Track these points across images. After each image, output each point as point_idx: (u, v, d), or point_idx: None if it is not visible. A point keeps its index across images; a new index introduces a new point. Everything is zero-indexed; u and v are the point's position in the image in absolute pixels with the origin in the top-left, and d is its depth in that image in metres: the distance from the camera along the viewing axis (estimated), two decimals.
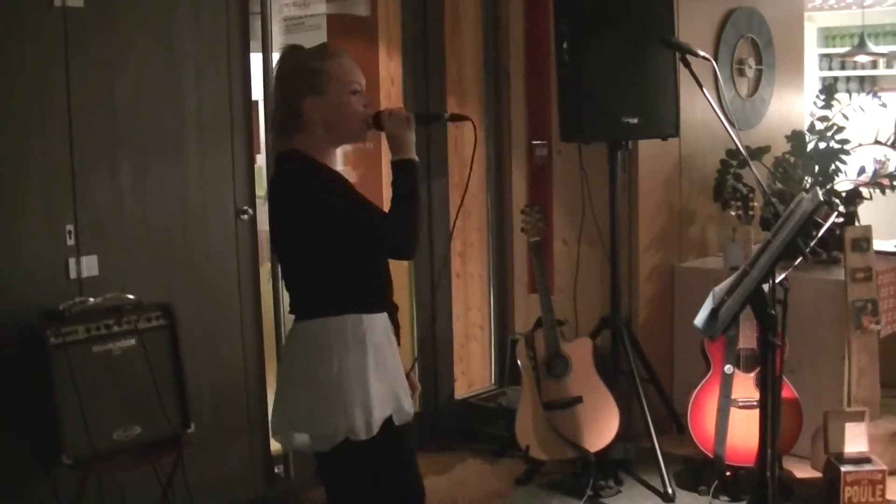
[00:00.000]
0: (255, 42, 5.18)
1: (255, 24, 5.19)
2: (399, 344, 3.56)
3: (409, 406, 3.44)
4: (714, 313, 3.62)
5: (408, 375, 3.57)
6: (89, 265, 4.52)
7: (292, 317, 3.45)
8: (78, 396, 4.13)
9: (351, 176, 3.55)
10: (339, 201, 3.26)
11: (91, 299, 4.39)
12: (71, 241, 4.46)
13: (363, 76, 3.38)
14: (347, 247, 3.27)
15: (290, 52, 3.45)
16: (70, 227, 4.46)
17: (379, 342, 3.35)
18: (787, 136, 6.39)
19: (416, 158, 3.34)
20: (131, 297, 4.49)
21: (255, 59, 5.19)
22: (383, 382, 3.33)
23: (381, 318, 3.40)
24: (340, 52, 3.40)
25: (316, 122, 3.32)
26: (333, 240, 3.26)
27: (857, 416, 5.15)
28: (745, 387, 5.18)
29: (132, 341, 4.39)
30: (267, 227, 5.19)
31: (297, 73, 3.36)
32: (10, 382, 4.22)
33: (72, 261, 4.47)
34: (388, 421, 3.36)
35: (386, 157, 6.12)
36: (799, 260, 3.77)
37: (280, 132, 3.38)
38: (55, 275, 4.43)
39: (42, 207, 4.39)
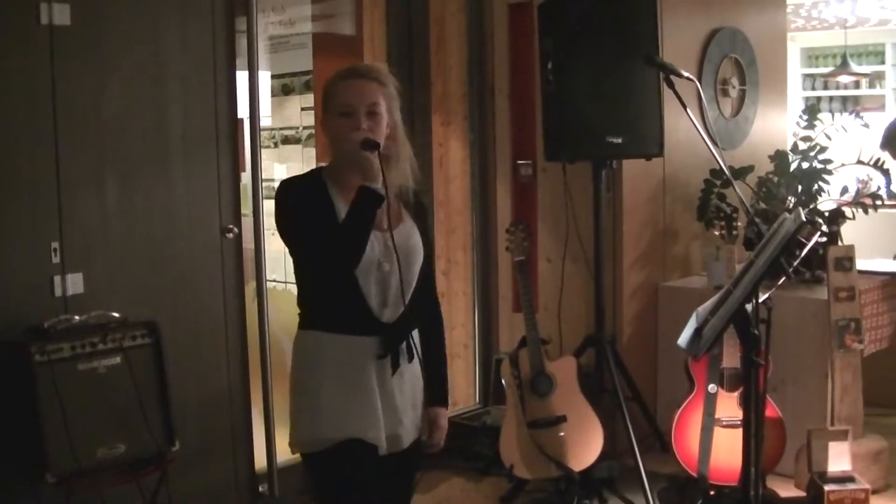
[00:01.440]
0: (241, 60, 5.18)
1: (241, 42, 5.19)
2: (439, 387, 3.62)
3: (378, 438, 3.34)
4: (698, 332, 3.63)
5: (432, 422, 3.61)
6: (74, 283, 4.51)
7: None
8: (63, 414, 4.12)
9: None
10: (291, 220, 3.31)
11: (76, 317, 4.39)
12: (56, 259, 4.46)
13: (366, 99, 3.30)
14: (300, 262, 3.35)
15: None
16: (55, 245, 4.45)
17: (345, 365, 3.31)
18: (770, 156, 6.41)
19: (377, 189, 3.21)
20: (116, 314, 4.49)
21: (241, 77, 5.19)
22: (343, 405, 3.30)
23: (358, 342, 3.32)
24: (354, 73, 3.37)
25: (328, 141, 3.38)
26: (294, 257, 3.36)
27: (841, 435, 5.17)
28: (729, 405, 5.19)
29: (117, 359, 4.38)
30: (252, 246, 5.24)
31: (322, 95, 3.44)
32: None
33: (57, 278, 4.46)
34: (360, 447, 3.31)
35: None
36: (782, 279, 3.79)
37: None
38: (40, 292, 4.42)
39: (27, 224, 4.38)
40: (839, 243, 5.83)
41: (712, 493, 5.21)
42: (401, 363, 3.41)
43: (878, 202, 6.18)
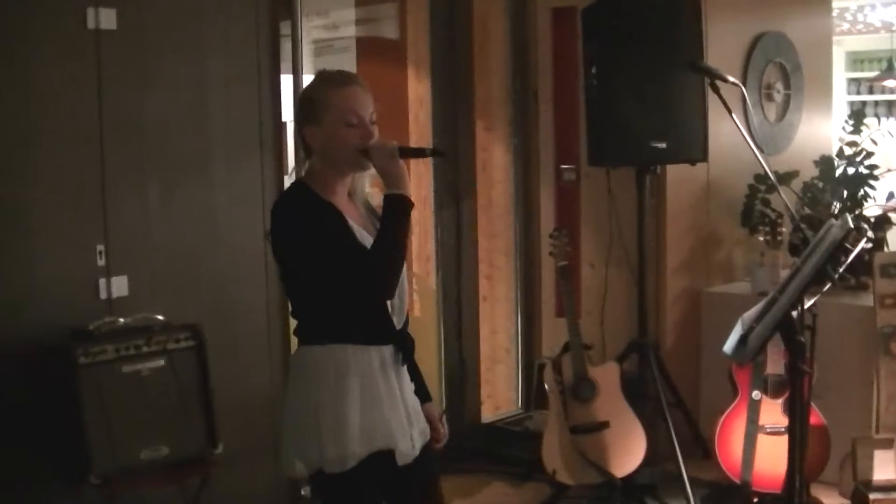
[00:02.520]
0: (286, 64, 5.21)
1: (286, 46, 5.21)
2: (421, 385, 3.51)
3: (408, 447, 3.33)
4: (743, 340, 3.61)
5: (430, 419, 3.52)
6: (119, 285, 4.54)
7: None
8: (106, 416, 4.15)
9: (375, 199, 3.51)
10: (311, 240, 3.19)
11: (121, 319, 4.43)
12: (101, 262, 4.49)
13: (368, 108, 3.27)
14: (323, 284, 3.22)
15: (313, 78, 3.42)
16: (100, 248, 4.49)
17: (369, 375, 3.27)
18: (815, 161, 6.37)
19: (407, 194, 3.21)
20: (160, 317, 4.51)
21: (286, 81, 5.21)
22: (372, 417, 3.25)
23: (377, 351, 3.29)
24: (346, 81, 3.30)
25: (316, 150, 3.28)
26: (310, 276, 3.23)
27: (886, 444, 5.12)
28: (773, 412, 5.16)
29: (161, 362, 4.41)
30: None
31: (300, 102, 3.36)
32: (39, 401, 4.24)
33: (102, 281, 4.49)
34: (384, 458, 3.28)
35: (418, 179, 6.19)
36: (828, 286, 3.76)
37: (302, 160, 3.40)
38: (85, 294, 4.45)
39: (73, 227, 4.42)
40: (885, 249, 5.78)
41: (755, 500, 5.18)
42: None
43: None
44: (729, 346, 3.68)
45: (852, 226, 3.60)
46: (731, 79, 4.56)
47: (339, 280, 3.18)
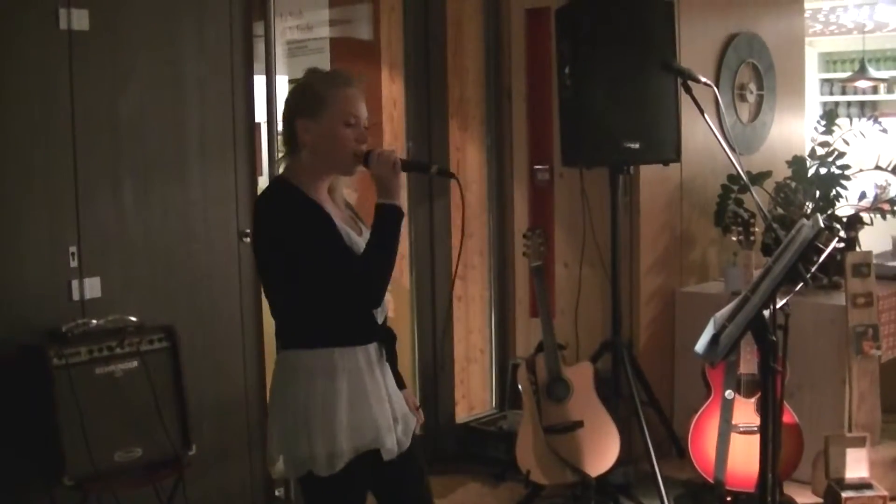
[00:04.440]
0: (259, 64, 5.20)
1: (259, 47, 5.21)
2: (396, 372, 3.51)
3: (393, 443, 3.35)
4: (715, 339, 3.62)
5: (407, 405, 3.53)
6: (92, 287, 4.53)
7: None
8: (80, 417, 4.14)
9: (351, 198, 3.51)
10: (301, 243, 3.18)
11: (94, 321, 4.41)
12: (74, 263, 4.48)
13: (364, 111, 3.30)
14: (310, 288, 3.21)
15: (306, 73, 3.40)
16: (73, 249, 4.47)
17: (357, 376, 3.28)
18: (788, 162, 6.40)
19: (400, 205, 3.24)
20: (133, 318, 4.50)
21: (259, 82, 5.20)
22: (360, 418, 3.27)
23: (363, 351, 3.30)
24: (349, 82, 3.31)
25: (307, 145, 3.26)
26: (296, 279, 3.22)
27: (858, 442, 5.15)
28: (746, 411, 5.18)
29: (134, 363, 4.40)
30: None
31: (297, 93, 3.33)
32: (12, 403, 4.22)
33: (75, 282, 4.48)
34: (372, 456, 3.30)
35: None
36: (800, 285, 3.77)
37: (284, 156, 3.36)
38: (58, 296, 4.44)
39: (45, 229, 4.40)
40: (857, 249, 5.81)
41: (729, 499, 5.20)
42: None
43: None
44: (700, 345, 3.68)
45: (823, 225, 3.61)
46: (703, 79, 4.57)
47: (329, 285, 3.19)
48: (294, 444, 3.27)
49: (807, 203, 6.21)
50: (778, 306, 3.66)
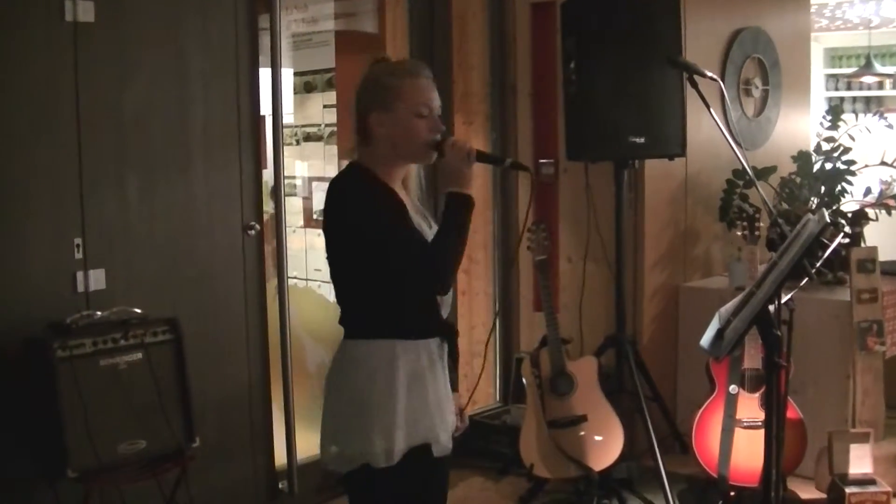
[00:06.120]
0: (264, 57, 5.19)
1: (264, 40, 5.20)
2: (454, 373, 3.49)
3: (448, 440, 3.37)
4: (720, 334, 3.61)
5: (461, 410, 3.56)
6: (97, 279, 4.52)
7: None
8: (83, 409, 4.13)
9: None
10: (377, 225, 3.18)
11: (98, 313, 4.40)
12: (79, 255, 4.47)
13: (437, 100, 3.29)
14: (381, 272, 3.20)
15: (372, 65, 3.37)
16: (78, 241, 4.47)
17: (417, 370, 3.26)
18: (793, 157, 6.39)
19: (472, 195, 3.25)
20: (138, 311, 4.50)
21: (264, 75, 5.20)
22: (417, 411, 3.26)
23: (424, 346, 3.29)
24: (419, 71, 3.30)
25: (381, 137, 3.26)
26: (367, 263, 3.21)
27: (862, 437, 5.15)
28: (750, 407, 5.17)
29: (138, 355, 4.39)
30: (273, 243, 5.25)
31: (368, 87, 3.31)
32: (15, 395, 4.22)
33: (79, 274, 4.47)
34: (422, 451, 3.29)
35: None
36: (805, 281, 3.77)
37: (356, 144, 3.34)
38: (62, 288, 4.43)
39: (50, 220, 4.40)
40: (862, 245, 5.80)
41: (732, 494, 5.19)
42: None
43: None
44: (705, 340, 3.68)
45: (828, 220, 3.60)
46: (709, 73, 4.55)
47: (398, 268, 3.18)
48: (350, 437, 3.26)
49: (812, 198, 6.21)
50: (783, 301, 3.66)
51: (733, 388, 5.20)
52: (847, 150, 6.25)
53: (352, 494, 3.40)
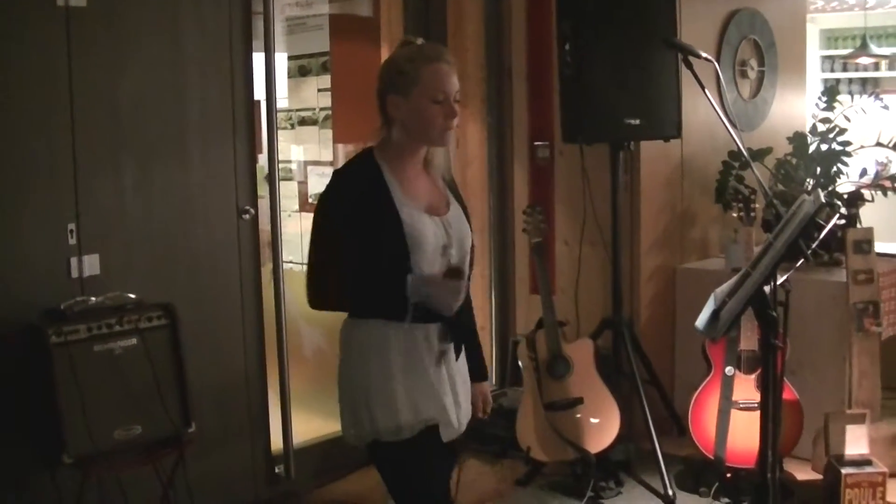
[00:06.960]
0: (258, 42, 5.17)
1: (258, 24, 5.18)
2: (477, 362, 3.58)
3: (456, 423, 3.41)
4: (715, 315, 3.61)
5: (481, 396, 3.63)
6: (91, 264, 4.51)
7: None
8: (79, 395, 4.12)
9: None
10: (328, 220, 3.29)
11: (93, 298, 4.39)
12: (73, 240, 4.46)
13: (455, 86, 3.28)
14: (345, 258, 3.27)
15: (397, 48, 3.39)
16: (72, 226, 4.45)
17: (413, 349, 3.30)
18: (788, 138, 6.38)
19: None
20: (133, 296, 4.49)
21: (258, 59, 5.18)
22: (418, 390, 3.30)
23: (421, 329, 3.31)
24: (439, 56, 3.29)
25: (396, 121, 3.29)
26: (332, 246, 3.29)
27: (858, 419, 5.15)
28: (746, 388, 5.18)
29: (134, 340, 4.38)
30: (268, 228, 5.23)
31: (388, 70, 3.33)
32: (11, 381, 4.21)
33: (73, 260, 4.46)
34: (431, 431, 3.33)
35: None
36: (801, 262, 3.76)
37: (380, 125, 3.37)
38: (57, 274, 4.42)
39: (44, 206, 4.38)
40: (858, 226, 5.80)
41: (729, 475, 5.20)
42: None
43: None
44: (701, 321, 3.67)
45: (824, 201, 3.60)
46: (704, 54, 4.54)
47: (368, 252, 3.24)
48: (357, 414, 3.32)
49: (807, 179, 6.20)
50: (779, 282, 3.65)
51: (730, 370, 5.20)
52: (843, 132, 6.24)
53: (378, 467, 3.44)
